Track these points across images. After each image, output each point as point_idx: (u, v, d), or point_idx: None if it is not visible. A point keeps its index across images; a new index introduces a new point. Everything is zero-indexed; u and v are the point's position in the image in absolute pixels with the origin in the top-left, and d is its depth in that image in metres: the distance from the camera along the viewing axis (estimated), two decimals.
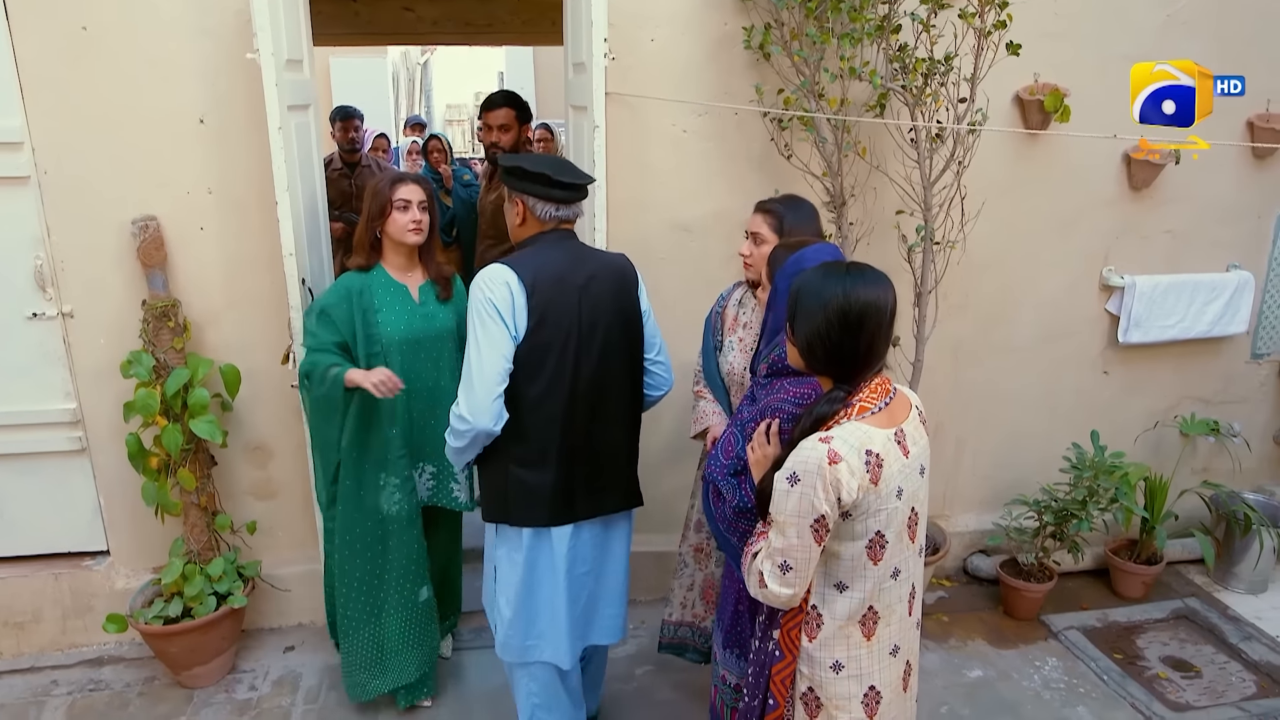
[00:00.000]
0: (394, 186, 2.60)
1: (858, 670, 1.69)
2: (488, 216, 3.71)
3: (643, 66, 3.02)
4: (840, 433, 1.59)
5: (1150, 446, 3.78)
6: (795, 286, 1.67)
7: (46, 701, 2.97)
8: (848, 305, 1.58)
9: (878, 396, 1.65)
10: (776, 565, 1.63)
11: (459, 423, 2.16)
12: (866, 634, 1.69)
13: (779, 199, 2.48)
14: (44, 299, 2.93)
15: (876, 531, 1.63)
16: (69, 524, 3.18)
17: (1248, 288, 3.63)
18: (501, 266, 2.16)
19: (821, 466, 1.54)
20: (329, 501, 2.72)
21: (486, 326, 2.13)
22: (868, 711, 1.71)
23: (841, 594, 1.67)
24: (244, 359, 3.01)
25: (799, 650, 1.71)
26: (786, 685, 1.73)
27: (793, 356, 1.72)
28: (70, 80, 2.76)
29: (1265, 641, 3.35)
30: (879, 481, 1.59)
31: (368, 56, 8.24)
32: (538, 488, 2.25)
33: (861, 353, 1.61)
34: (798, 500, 1.57)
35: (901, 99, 2.90)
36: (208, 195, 2.92)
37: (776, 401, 1.87)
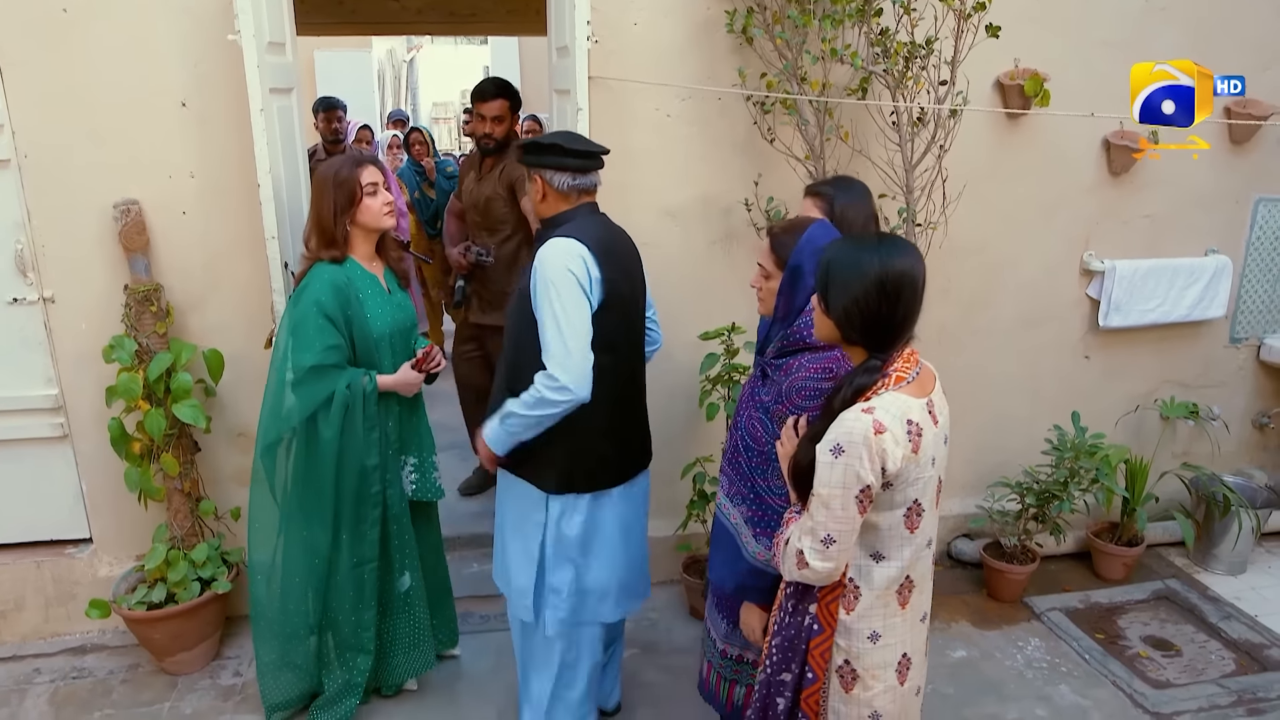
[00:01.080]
0: (358, 170, 2.46)
1: (893, 639, 1.71)
2: (480, 208, 3.64)
3: (626, 51, 3.03)
4: (881, 403, 1.59)
5: (1131, 430, 3.82)
6: (825, 260, 1.67)
7: (29, 690, 2.95)
8: (885, 274, 1.59)
9: (910, 366, 1.66)
10: (819, 540, 1.62)
11: (559, 394, 2.13)
12: (902, 602, 1.71)
13: (828, 181, 2.46)
14: (24, 284, 2.91)
15: (914, 500, 1.65)
16: (51, 511, 3.16)
17: (1226, 272, 3.68)
18: (569, 240, 2.18)
19: (867, 437, 1.55)
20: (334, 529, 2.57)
21: (573, 296, 2.14)
22: (900, 678, 1.73)
23: (879, 564, 1.68)
24: (227, 344, 3.00)
25: (836, 623, 1.71)
26: (825, 659, 1.73)
27: (823, 330, 1.71)
28: (51, 63, 2.75)
29: (1244, 621, 3.39)
30: (919, 450, 1.60)
31: (352, 49, 8.19)
32: (601, 453, 2.33)
33: (898, 321, 1.62)
34: (842, 472, 1.57)
35: (883, 82, 2.92)
36: (190, 179, 2.91)
37: (800, 380, 1.87)
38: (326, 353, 2.41)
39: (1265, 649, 3.23)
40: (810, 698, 1.75)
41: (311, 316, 2.41)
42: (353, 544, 2.56)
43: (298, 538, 2.54)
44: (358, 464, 2.50)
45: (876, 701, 1.72)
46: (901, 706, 1.76)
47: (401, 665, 2.83)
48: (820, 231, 1.95)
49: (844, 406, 1.61)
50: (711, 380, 3.15)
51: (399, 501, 2.66)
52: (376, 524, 2.59)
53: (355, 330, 2.49)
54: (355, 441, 2.48)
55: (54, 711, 2.84)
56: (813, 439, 1.64)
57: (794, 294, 1.93)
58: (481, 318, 3.72)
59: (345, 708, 2.73)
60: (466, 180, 3.73)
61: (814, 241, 1.91)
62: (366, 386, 2.47)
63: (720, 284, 3.29)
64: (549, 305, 2.14)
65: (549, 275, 2.15)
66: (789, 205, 3.16)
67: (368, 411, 2.49)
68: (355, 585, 2.61)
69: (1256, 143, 3.59)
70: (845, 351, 1.74)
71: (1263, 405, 4.00)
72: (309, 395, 2.42)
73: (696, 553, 3.39)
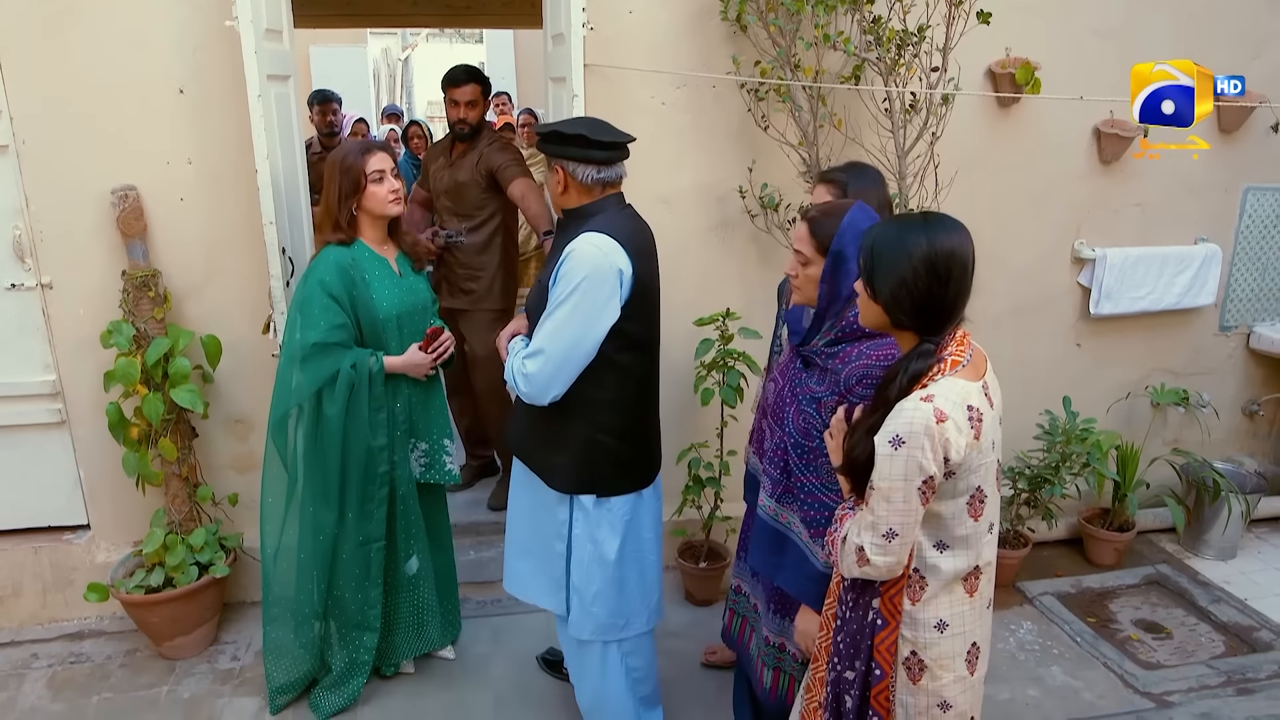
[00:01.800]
0: (364, 158, 2.49)
1: (961, 628, 1.66)
2: (452, 193, 3.60)
3: (621, 39, 3.05)
4: (940, 389, 1.53)
5: (1122, 417, 3.85)
6: (870, 242, 1.60)
7: (27, 674, 2.96)
8: (934, 254, 1.53)
9: (964, 349, 1.60)
10: (880, 535, 1.57)
11: (523, 383, 2.12)
12: (969, 590, 1.66)
13: (841, 167, 2.41)
14: (22, 269, 2.92)
15: (977, 487, 1.60)
16: (49, 498, 3.17)
17: (1215, 260, 3.71)
18: (603, 236, 2.08)
19: (929, 426, 1.50)
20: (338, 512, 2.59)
21: (593, 301, 2.05)
22: (969, 668, 1.68)
23: (944, 554, 1.63)
24: (224, 331, 3.02)
25: (901, 615, 1.66)
26: (891, 652, 1.67)
27: (870, 316, 1.64)
28: (49, 49, 2.76)
29: (1234, 604, 3.43)
30: (980, 437, 1.55)
31: (348, 44, 8.19)
32: (633, 454, 2.28)
33: (950, 302, 1.56)
34: (904, 464, 1.52)
35: (876, 69, 2.94)
36: (188, 166, 2.93)
37: (861, 368, 1.81)
38: (331, 331, 2.45)
39: (1255, 631, 3.26)
40: (880, 694, 1.69)
41: (316, 296, 2.44)
42: (359, 523, 2.58)
43: (305, 515, 2.57)
44: (363, 443, 2.52)
45: (946, 691, 1.66)
46: (973, 697, 1.71)
47: (401, 646, 2.85)
48: (861, 214, 1.87)
49: (901, 395, 1.55)
50: (706, 366, 3.17)
51: (406, 483, 2.68)
52: (383, 504, 2.61)
53: (361, 311, 2.51)
54: (360, 421, 2.50)
55: (52, 695, 2.86)
56: (869, 431, 1.58)
57: (837, 280, 1.85)
58: (451, 302, 3.69)
59: (352, 688, 2.75)
60: (434, 166, 3.68)
61: (856, 225, 1.83)
62: (373, 366, 2.50)
63: (715, 271, 3.31)
64: (564, 301, 2.06)
65: (579, 272, 2.05)
66: (783, 192, 3.19)
67: (374, 392, 2.51)
68: (361, 563, 2.63)
69: (1245, 132, 3.63)
70: (896, 337, 1.67)
71: (1252, 393, 4.04)
72: (314, 373, 2.45)
73: (691, 538, 3.41)
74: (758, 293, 3.29)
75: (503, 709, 2.81)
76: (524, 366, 2.12)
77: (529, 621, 3.25)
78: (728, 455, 3.26)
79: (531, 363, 2.11)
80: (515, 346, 2.25)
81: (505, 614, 3.30)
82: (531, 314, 2.26)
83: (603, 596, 2.30)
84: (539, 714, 2.79)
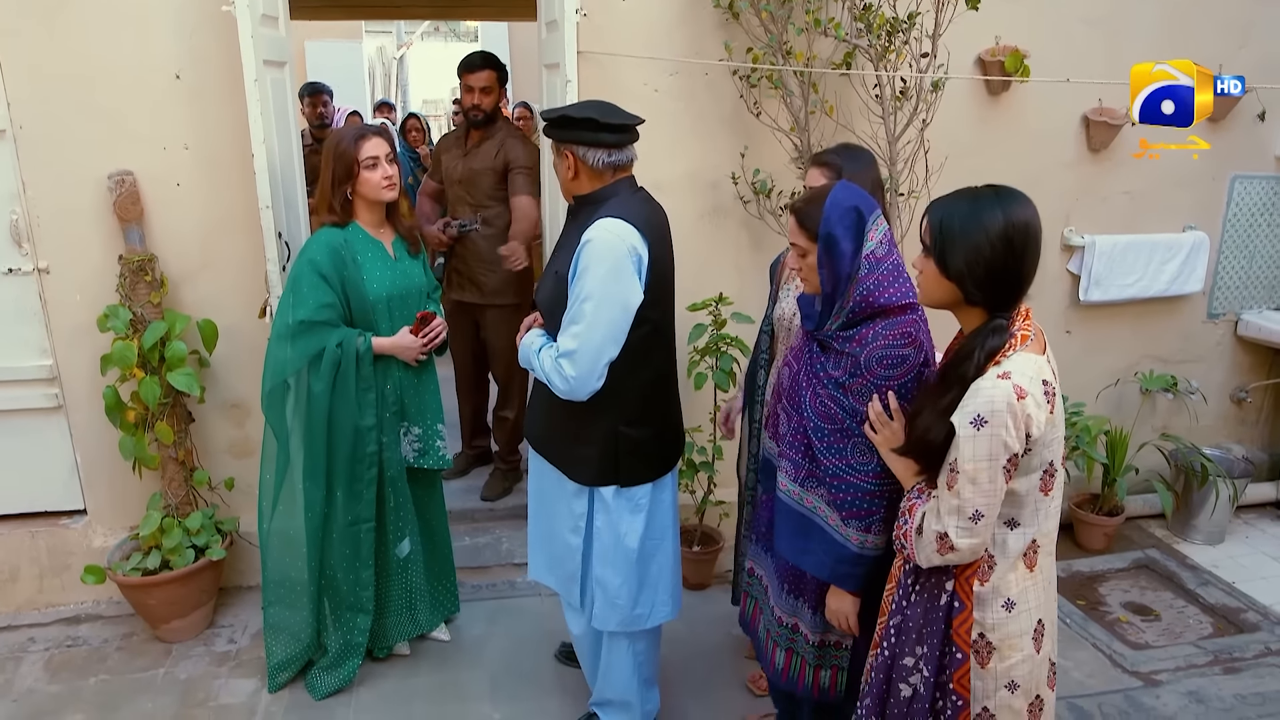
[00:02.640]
0: (358, 144, 2.50)
1: (1027, 605, 1.65)
2: (466, 182, 3.64)
3: (614, 26, 3.08)
4: (1014, 366, 1.52)
5: (1111, 404, 3.89)
6: (939, 219, 1.58)
7: (24, 657, 2.98)
8: (1010, 227, 1.52)
9: (1029, 324, 1.59)
10: (966, 518, 1.55)
11: (562, 383, 2.08)
12: (1029, 565, 1.65)
13: (833, 150, 2.40)
14: (20, 254, 2.94)
15: (1050, 462, 1.59)
16: (45, 483, 3.19)
17: (1203, 247, 3.75)
18: (619, 222, 2.04)
19: (1011, 404, 1.49)
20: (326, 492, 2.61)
21: (619, 289, 2.03)
22: (1036, 646, 1.67)
23: (1013, 531, 1.62)
24: (220, 317, 3.03)
25: (973, 597, 1.63)
26: (969, 635, 1.65)
27: (936, 293, 1.62)
28: (46, 34, 2.78)
29: (1221, 587, 3.47)
30: (1054, 411, 1.55)
31: (344, 39, 8.22)
32: (654, 442, 2.26)
33: (1024, 275, 1.56)
34: (988, 444, 1.51)
35: (866, 55, 2.98)
36: (184, 151, 2.95)
37: (880, 349, 1.80)
38: (319, 310, 2.48)
39: (1242, 613, 3.30)
40: (962, 678, 1.66)
41: (306, 274, 2.48)
42: (348, 502, 2.61)
43: (297, 491, 2.59)
44: (351, 422, 2.54)
45: (1015, 672, 1.64)
46: (1040, 676, 1.70)
47: (393, 629, 2.88)
48: (843, 193, 1.86)
49: (978, 374, 1.54)
50: (700, 351, 3.20)
51: (396, 465, 2.70)
52: (373, 484, 2.63)
53: (351, 291, 2.54)
54: (348, 399, 2.53)
55: (49, 677, 2.87)
56: (944, 412, 1.56)
57: (834, 262, 1.84)
58: (462, 294, 3.73)
59: (347, 669, 2.78)
60: (447, 157, 3.72)
61: (840, 204, 1.83)
62: (360, 346, 2.52)
63: (709, 257, 3.34)
64: (589, 296, 2.02)
65: (601, 263, 2.01)
66: (775, 178, 3.22)
67: (362, 371, 2.54)
68: (352, 544, 2.65)
69: (1232, 121, 3.67)
70: (960, 314, 1.65)
71: (1240, 380, 4.08)
72: (301, 349, 2.48)
73: (684, 522, 3.42)
74: (750, 278, 3.32)
75: (498, 688, 2.83)
76: (561, 368, 2.08)
77: (525, 605, 3.28)
78: (720, 440, 3.29)
79: (568, 364, 2.06)
80: (536, 341, 2.22)
81: (500, 598, 3.33)
82: (543, 305, 2.24)
83: (627, 588, 2.29)
84: (534, 693, 2.82)
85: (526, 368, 2.26)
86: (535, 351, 2.19)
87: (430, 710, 2.74)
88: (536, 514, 2.48)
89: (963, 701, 1.69)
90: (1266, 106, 3.67)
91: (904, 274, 1.86)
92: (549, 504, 2.38)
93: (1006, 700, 1.66)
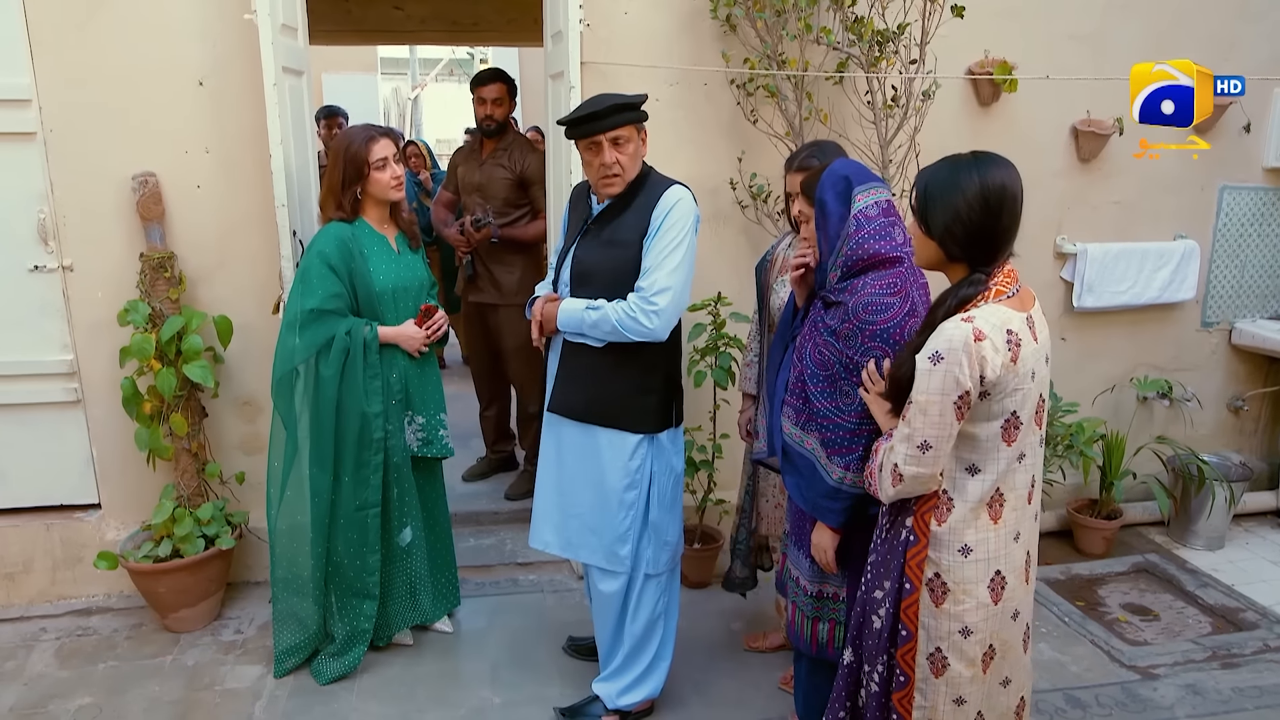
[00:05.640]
0: (369, 145, 2.62)
1: (985, 554, 1.71)
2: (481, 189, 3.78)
3: (617, 38, 3.22)
4: (980, 313, 1.63)
5: (1107, 411, 3.93)
6: (922, 183, 1.72)
7: (35, 646, 3.03)
8: (986, 188, 1.64)
9: (1010, 283, 1.70)
10: (915, 446, 1.66)
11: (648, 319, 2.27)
12: (993, 516, 1.72)
13: (803, 151, 2.57)
14: (45, 252, 3.06)
15: (1012, 412, 1.67)
16: (61, 476, 3.27)
17: (1194, 255, 3.83)
18: (687, 190, 2.38)
19: (967, 343, 1.59)
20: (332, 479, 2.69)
21: (692, 244, 2.34)
22: (993, 596, 1.73)
23: (973, 477, 1.71)
24: (235, 314, 3.13)
25: (929, 534, 1.73)
26: (920, 569, 1.74)
27: (924, 253, 1.75)
28: (78, 42, 2.94)
29: (1221, 589, 3.48)
30: (1017, 361, 1.63)
31: (360, 73, 8.50)
32: (680, 385, 2.54)
33: (1001, 234, 1.67)
34: (941, 378, 1.61)
35: (858, 63, 3.10)
36: (205, 154, 3.08)
37: (866, 296, 1.94)
38: (328, 299, 2.59)
39: (1241, 612, 3.31)
40: (909, 609, 1.76)
41: (315, 265, 2.59)
42: (355, 487, 2.68)
43: (304, 478, 2.66)
44: (358, 408, 2.63)
45: (967, 617, 1.72)
46: (995, 627, 1.75)
47: (395, 617, 2.93)
48: (839, 165, 2.07)
49: (947, 317, 1.65)
50: (700, 351, 3.27)
51: (400, 453, 2.77)
52: (379, 470, 2.70)
53: (358, 283, 2.65)
54: (355, 386, 2.61)
55: (59, 663, 2.93)
56: (914, 350, 1.68)
57: (825, 221, 2.03)
58: (481, 296, 3.87)
59: (353, 656, 2.82)
60: (464, 167, 3.90)
61: (833, 173, 2.04)
62: (367, 335, 2.62)
63: (708, 261, 3.42)
64: (677, 243, 2.29)
65: (687, 218, 2.32)
66: (771, 183, 3.33)
67: (369, 359, 2.63)
68: (359, 529, 2.71)
69: (1219, 131, 3.76)
70: (948, 272, 1.76)
71: (1237, 389, 4.12)
72: (311, 337, 2.58)
73: (685, 522, 3.47)
74: (747, 280, 3.39)
75: (499, 675, 2.87)
76: (651, 304, 2.27)
77: (527, 600, 3.33)
78: (720, 438, 3.35)
79: (661, 298, 2.27)
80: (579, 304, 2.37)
81: (503, 594, 3.38)
82: (606, 273, 2.37)
83: (675, 524, 2.55)
84: (534, 680, 2.85)
85: (574, 333, 2.39)
86: (585, 309, 2.34)
87: (432, 694, 2.77)
88: (569, 490, 2.52)
89: (908, 632, 1.77)
90: (1251, 119, 3.77)
91: (895, 232, 2.01)
92: (591, 473, 2.45)
93: (959, 644, 1.74)
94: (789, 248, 2.70)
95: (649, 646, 2.58)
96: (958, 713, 1.76)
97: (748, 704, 2.77)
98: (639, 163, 2.39)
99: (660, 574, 2.54)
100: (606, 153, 2.31)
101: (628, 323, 2.29)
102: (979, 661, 1.75)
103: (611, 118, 2.28)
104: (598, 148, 2.31)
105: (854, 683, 1.91)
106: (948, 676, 1.75)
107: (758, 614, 3.24)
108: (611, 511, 2.44)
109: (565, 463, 2.51)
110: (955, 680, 1.75)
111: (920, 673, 1.77)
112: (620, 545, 2.46)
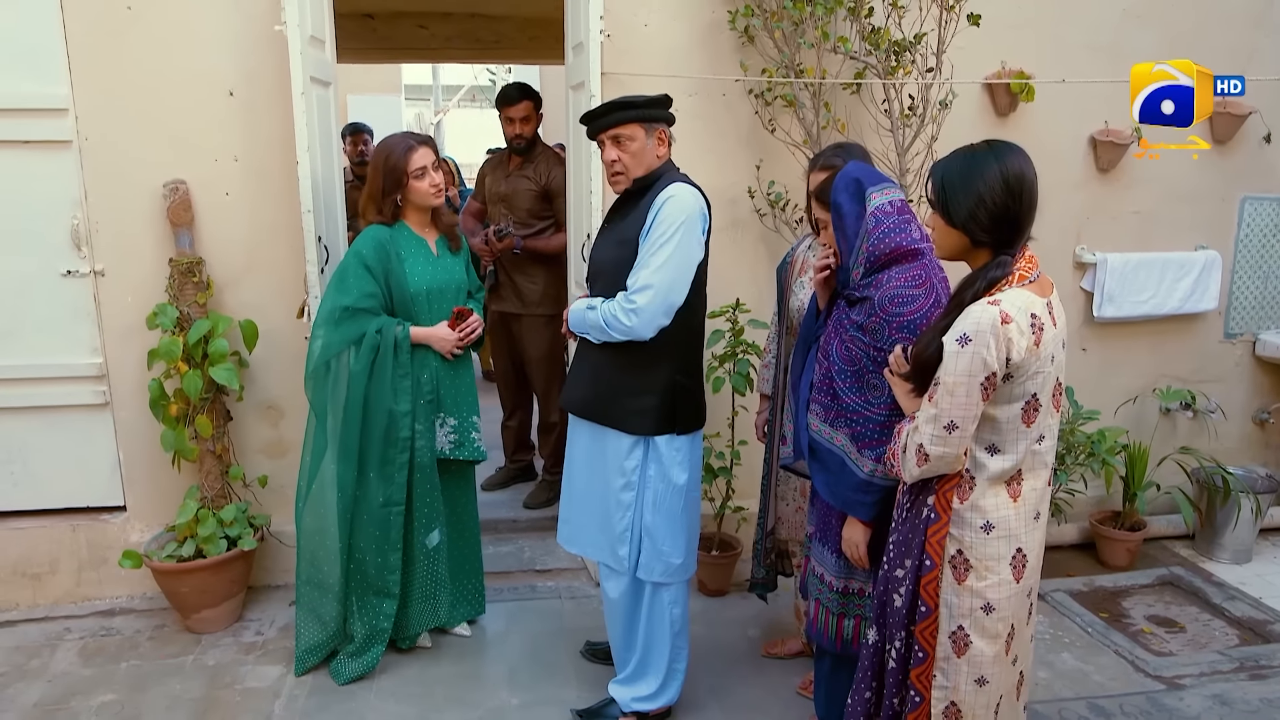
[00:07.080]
0: (408, 156, 2.68)
1: (1006, 531, 1.74)
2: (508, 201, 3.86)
3: (637, 50, 3.28)
4: (1006, 297, 1.67)
5: (1130, 422, 3.90)
6: (941, 174, 1.75)
7: (59, 645, 3.07)
8: (1005, 172, 1.67)
9: (1031, 268, 1.73)
10: (941, 427, 1.68)
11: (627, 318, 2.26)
12: (1013, 495, 1.75)
13: (827, 152, 2.58)
14: (78, 257, 3.14)
15: (1033, 394, 1.71)
16: (89, 479, 3.32)
17: (1215, 266, 3.81)
18: (692, 189, 2.35)
19: (995, 325, 1.62)
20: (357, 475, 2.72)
21: (691, 243, 2.30)
22: (1015, 574, 1.75)
23: (993, 456, 1.74)
24: (260, 320, 3.18)
25: (951, 511, 1.75)
26: (941, 546, 1.76)
27: (947, 243, 1.78)
28: (113, 54, 3.03)
29: (1248, 601, 3.43)
30: (1040, 344, 1.67)
31: (384, 94, 8.68)
32: (698, 390, 2.49)
33: (1022, 215, 1.70)
34: (969, 360, 1.64)
35: (875, 72, 3.14)
36: (234, 163, 3.16)
37: (892, 290, 1.98)
38: (363, 298, 2.65)
39: (1269, 624, 3.26)
40: (929, 585, 1.78)
41: (353, 265, 2.67)
42: (380, 485, 2.71)
43: (330, 472, 2.71)
44: (385, 406, 2.66)
45: (990, 593, 1.74)
46: (1016, 604, 1.78)
47: (415, 618, 2.93)
48: (850, 169, 2.12)
49: (975, 299, 1.68)
50: (719, 358, 3.29)
51: (427, 453, 2.80)
52: (404, 469, 2.74)
53: (393, 283, 2.71)
54: (384, 383, 2.66)
55: (83, 662, 2.96)
56: (939, 331, 1.71)
57: (842, 222, 2.07)
58: (503, 305, 3.92)
59: (371, 656, 2.84)
60: (489, 179, 3.98)
61: (845, 176, 2.08)
62: (398, 333, 2.67)
63: (728, 269, 3.45)
64: (666, 240, 2.26)
65: (681, 213, 2.28)
66: (790, 191, 3.36)
67: (399, 358, 2.68)
68: (382, 526, 2.74)
69: (1238, 142, 3.77)
70: (971, 260, 1.78)
71: (1261, 401, 4.08)
72: (343, 333, 2.64)
73: (703, 530, 3.47)
74: (765, 287, 3.43)
75: (516, 678, 2.87)
76: (630, 302, 2.27)
77: (546, 606, 3.34)
78: (739, 445, 3.36)
79: (640, 296, 2.26)
80: (584, 303, 2.41)
81: (521, 600, 3.38)
82: (607, 267, 2.42)
83: (672, 536, 2.45)
84: (552, 683, 2.85)
85: (580, 332, 2.44)
86: (586, 308, 2.38)
87: (450, 695, 2.78)
88: (580, 485, 2.56)
89: (926, 608, 1.77)
90: (1272, 130, 3.77)
91: (913, 226, 2.04)
92: (596, 469, 2.49)
93: (982, 621, 1.74)
94: (809, 250, 2.72)
95: (659, 653, 2.55)
96: (979, 694, 1.76)
97: (765, 710, 2.75)
98: (645, 162, 2.39)
99: (668, 584, 2.50)
100: (608, 150, 2.38)
101: (611, 321, 2.31)
102: (1002, 638, 1.76)
103: (608, 116, 2.35)
104: (603, 146, 2.40)
105: (879, 663, 1.92)
106: (970, 655, 1.75)
107: (775, 621, 3.22)
108: (611, 510, 2.46)
109: (581, 459, 2.54)
110: (977, 659, 1.75)
111: (941, 651, 1.77)
112: (620, 545, 2.47)
